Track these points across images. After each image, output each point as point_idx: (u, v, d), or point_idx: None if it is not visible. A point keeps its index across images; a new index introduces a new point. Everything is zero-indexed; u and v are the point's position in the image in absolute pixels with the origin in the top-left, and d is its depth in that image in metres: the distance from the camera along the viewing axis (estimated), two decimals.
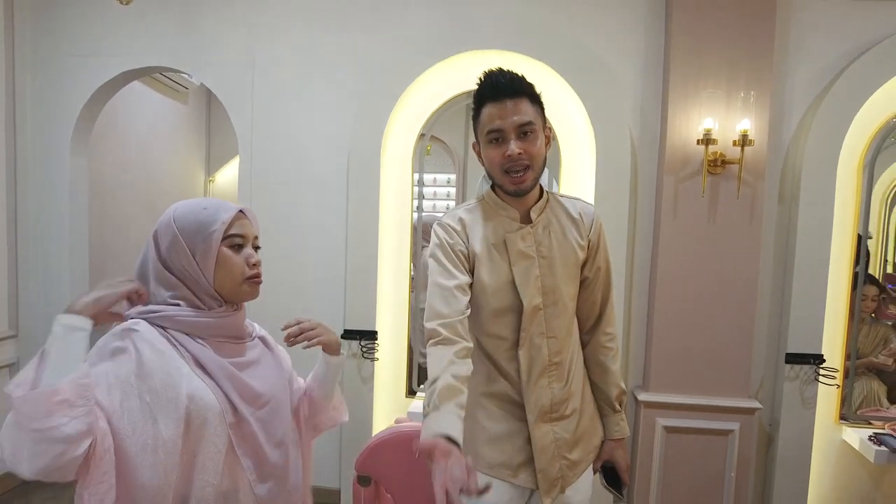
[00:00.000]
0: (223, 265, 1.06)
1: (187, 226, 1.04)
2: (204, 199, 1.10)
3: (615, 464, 1.47)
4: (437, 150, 3.71)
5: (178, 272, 1.05)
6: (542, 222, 1.35)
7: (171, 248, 1.04)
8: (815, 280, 2.50)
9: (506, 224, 1.34)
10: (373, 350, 2.60)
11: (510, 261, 1.32)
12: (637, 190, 2.59)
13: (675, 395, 2.51)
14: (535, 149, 1.27)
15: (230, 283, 1.07)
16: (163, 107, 4.21)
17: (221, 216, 1.06)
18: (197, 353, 1.03)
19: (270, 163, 2.72)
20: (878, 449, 2.36)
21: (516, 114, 1.25)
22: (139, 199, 3.95)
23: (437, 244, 1.35)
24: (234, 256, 1.07)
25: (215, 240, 1.05)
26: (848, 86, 2.43)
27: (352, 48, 2.65)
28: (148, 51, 2.72)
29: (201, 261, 1.04)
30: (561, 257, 1.35)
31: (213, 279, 1.05)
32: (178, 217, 1.05)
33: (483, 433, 1.37)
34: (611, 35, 2.56)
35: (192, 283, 1.05)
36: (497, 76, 1.27)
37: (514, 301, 1.32)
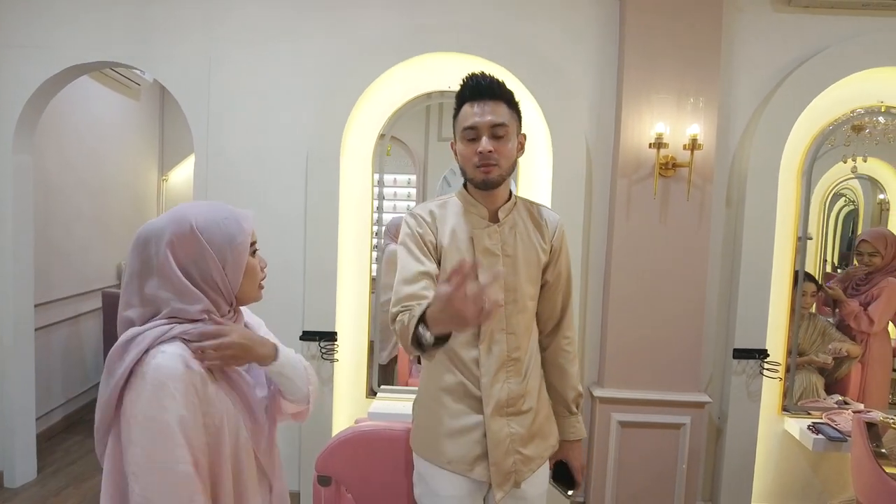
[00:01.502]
0: (248, 273, 1.08)
1: (215, 237, 1.02)
2: (216, 207, 1.06)
3: (569, 463, 1.52)
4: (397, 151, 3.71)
5: (201, 282, 1.02)
6: (508, 222, 1.41)
7: (200, 260, 1.01)
8: (760, 279, 2.63)
9: (474, 221, 1.39)
10: (332, 351, 2.58)
11: (475, 256, 1.36)
12: (592, 192, 2.66)
13: (630, 391, 2.59)
14: (506, 149, 1.33)
15: (251, 289, 1.10)
16: (113, 103, 4.07)
17: (245, 226, 1.06)
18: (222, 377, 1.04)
19: (227, 162, 2.67)
20: (816, 437, 2.50)
21: (492, 114, 1.31)
22: (88, 197, 3.80)
23: (407, 233, 1.40)
24: (254, 263, 1.10)
25: (245, 250, 1.06)
26: (788, 95, 2.56)
27: (310, 47, 2.63)
28: (98, 45, 2.62)
29: (231, 272, 1.04)
30: (524, 258, 1.40)
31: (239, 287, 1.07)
32: (202, 228, 1.01)
33: (441, 428, 1.39)
34: (567, 41, 2.62)
35: (215, 292, 1.04)
36: (479, 78, 1.34)
37: None
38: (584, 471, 1.55)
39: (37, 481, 2.92)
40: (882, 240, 2.82)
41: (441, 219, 1.41)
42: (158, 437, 0.90)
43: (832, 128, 2.66)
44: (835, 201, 3.06)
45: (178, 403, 0.92)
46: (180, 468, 0.91)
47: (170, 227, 1.00)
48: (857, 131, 2.80)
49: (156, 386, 0.92)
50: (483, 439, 1.36)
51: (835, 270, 3.11)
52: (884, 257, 2.79)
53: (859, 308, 2.79)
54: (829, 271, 3.12)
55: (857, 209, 3.07)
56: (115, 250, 4.15)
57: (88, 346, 3.89)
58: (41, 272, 3.30)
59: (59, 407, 3.56)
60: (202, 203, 1.07)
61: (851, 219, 3.09)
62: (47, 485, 2.90)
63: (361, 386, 2.74)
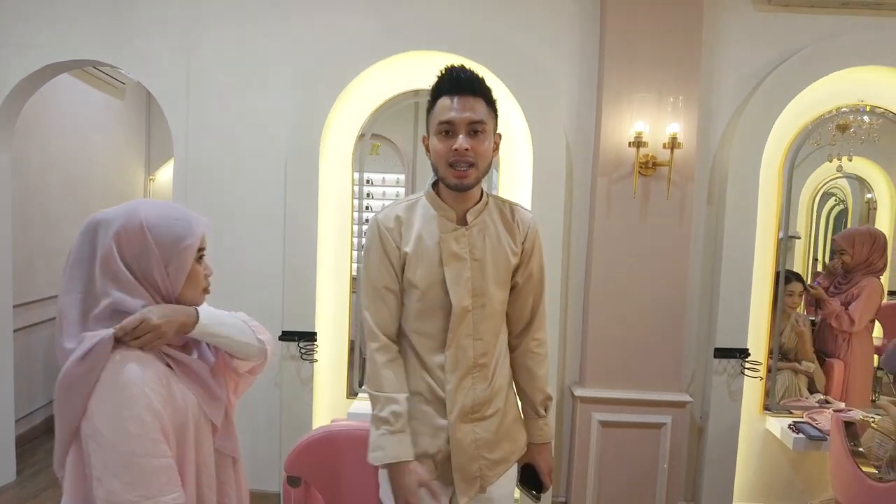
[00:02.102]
0: (191, 278, 1.08)
1: (163, 237, 1.02)
2: (171, 207, 1.07)
3: (537, 467, 1.49)
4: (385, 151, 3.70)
5: (142, 278, 1.02)
6: (477, 225, 1.37)
7: (142, 256, 1.01)
8: (741, 278, 2.62)
9: (442, 224, 1.35)
10: (312, 351, 2.57)
11: (442, 261, 1.33)
12: (572, 190, 2.65)
13: (610, 391, 2.58)
14: (483, 148, 1.29)
15: (192, 294, 1.09)
16: (97, 102, 4.04)
17: (196, 230, 1.06)
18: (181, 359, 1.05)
19: (207, 161, 2.65)
20: (797, 436, 2.49)
21: (470, 110, 1.27)
22: (71, 197, 3.78)
23: (370, 243, 1.38)
24: (198, 269, 1.10)
25: (191, 254, 1.05)
26: (769, 93, 2.56)
27: (290, 45, 2.62)
28: (75, 43, 2.60)
29: (173, 273, 1.04)
30: (493, 261, 1.37)
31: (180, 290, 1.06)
32: (151, 226, 1.01)
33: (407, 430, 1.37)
34: (547, 39, 2.61)
35: (154, 291, 1.04)
36: (458, 72, 1.29)
37: (443, 301, 1.34)
38: (552, 474, 1.51)
39: (16, 483, 2.90)
40: (850, 238, 2.82)
41: (406, 223, 1.36)
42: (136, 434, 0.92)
43: (813, 126, 2.66)
44: (825, 201, 3.05)
45: (149, 400, 0.95)
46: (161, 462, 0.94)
47: (120, 219, 1.00)
48: (842, 130, 2.79)
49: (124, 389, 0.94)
50: (447, 444, 1.34)
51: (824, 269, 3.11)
52: (853, 256, 2.79)
53: (840, 308, 2.79)
54: (820, 270, 3.12)
55: (847, 209, 3.07)
56: None
57: None
58: (23, 272, 3.27)
59: (40, 408, 3.54)
60: (159, 202, 1.07)
61: (842, 218, 3.09)
62: (26, 487, 2.88)
63: (342, 386, 2.73)
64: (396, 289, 1.37)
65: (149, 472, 0.92)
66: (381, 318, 1.37)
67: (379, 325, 1.36)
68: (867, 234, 2.82)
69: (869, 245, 2.79)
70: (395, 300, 1.37)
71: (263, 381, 2.66)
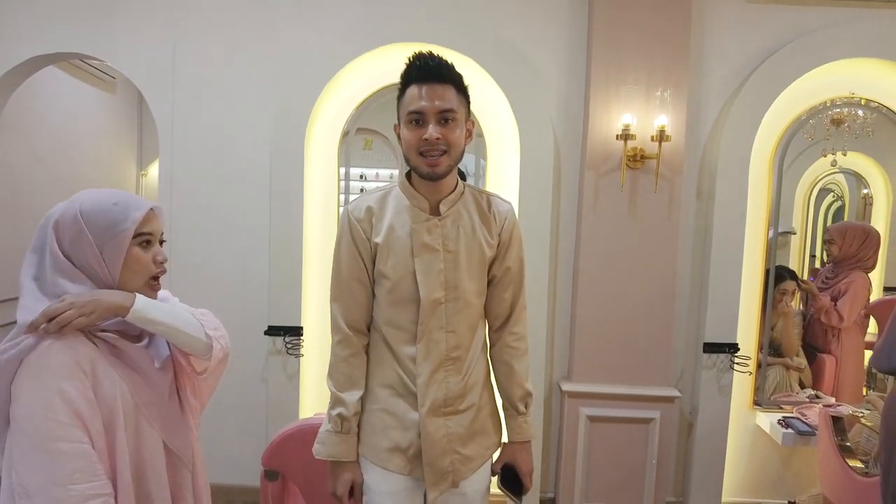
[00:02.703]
0: (131, 264, 1.04)
1: (96, 222, 1.00)
2: (113, 193, 1.05)
3: (516, 467, 1.44)
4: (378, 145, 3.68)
5: (81, 266, 1.01)
6: (451, 216, 1.34)
7: (76, 243, 1.00)
8: (730, 272, 2.60)
9: (414, 214, 1.32)
10: (298, 346, 2.55)
11: (413, 252, 1.31)
12: (560, 184, 2.63)
13: (599, 385, 2.57)
14: (454, 136, 1.26)
15: (134, 281, 1.06)
16: (86, 96, 4.02)
17: (133, 214, 1.02)
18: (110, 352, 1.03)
19: (192, 155, 2.63)
20: (786, 431, 2.48)
21: (440, 99, 1.24)
22: (61, 192, 3.76)
23: (340, 235, 1.36)
24: (143, 255, 1.05)
25: (125, 238, 1.02)
26: (758, 85, 2.53)
27: (274, 39, 2.59)
28: (61, 35, 2.58)
29: (109, 259, 1.01)
30: (467, 253, 1.34)
31: (119, 277, 1.03)
32: (84, 211, 1.00)
33: (378, 423, 1.36)
34: (535, 32, 2.59)
35: (94, 278, 1.02)
36: (426, 59, 1.26)
37: (414, 293, 1.31)
38: (531, 475, 1.46)
39: None
40: (842, 230, 2.81)
41: (378, 214, 1.34)
42: (43, 416, 0.90)
43: (803, 119, 2.64)
44: (823, 197, 3.03)
45: (60, 383, 0.92)
46: (71, 447, 0.91)
47: (61, 209, 1.01)
48: (836, 125, 2.77)
49: (40, 372, 0.92)
50: (418, 438, 1.32)
51: (823, 265, 3.08)
52: (840, 248, 2.78)
53: (830, 303, 2.77)
54: (817, 266, 3.09)
55: (845, 204, 3.05)
56: None
57: None
58: (9, 268, 3.26)
59: None
60: (104, 190, 1.06)
61: (841, 214, 3.06)
62: None
63: None
64: (366, 281, 1.35)
65: (56, 456, 0.90)
66: (347, 311, 1.36)
67: (345, 317, 1.35)
68: (860, 230, 2.80)
69: (860, 240, 2.77)
70: (364, 292, 1.36)
71: (249, 376, 2.65)
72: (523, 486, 1.45)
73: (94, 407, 0.95)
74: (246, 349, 2.59)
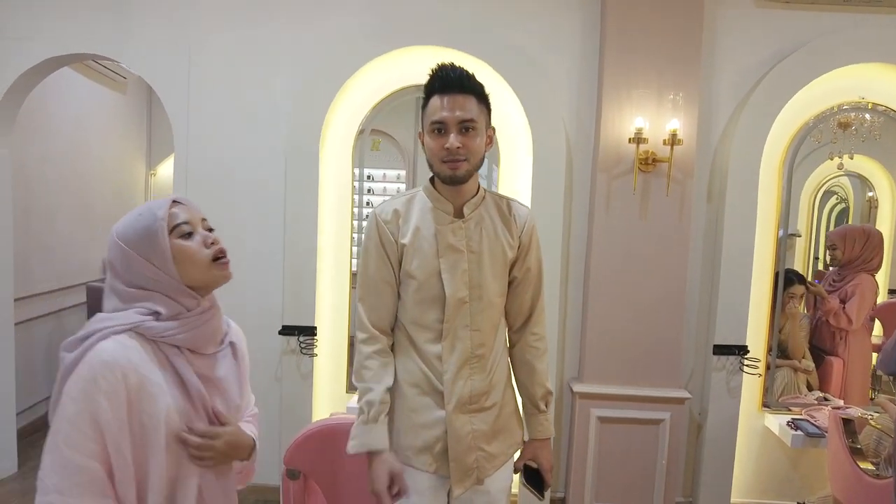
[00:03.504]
0: (181, 257, 1.03)
1: (132, 237, 1.02)
2: (137, 208, 1.07)
3: (538, 464, 1.49)
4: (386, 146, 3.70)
5: (146, 285, 1.02)
6: (474, 218, 1.39)
7: (129, 266, 1.01)
8: (740, 275, 2.62)
9: (439, 217, 1.37)
10: (312, 346, 2.57)
11: (439, 252, 1.35)
12: (572, 186, 2.65)
13: (609, 386, 2.59)
14: (475, 145, 1.31)
15: (196, 271, 1.05)
16: (98, 97, 4.04)
17: (158, 213, 1.03)
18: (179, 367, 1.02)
19: (207, 155, 2.65)
20: (795, 433, 2.50)
21: (460, 109, 1.29)
22: (71, 191, 3.78)
23: (368, 236, 1.40)
24: (189, 245, 1.04)
25: (163, 238, 1.02)
26: (769, 90, 2.55)
27: (290, 41, 2.61)
28: (77, 37, 2.60)
29: (160, 264, 1.01)
30: (490, 254, 1.38)
31: (180, 275, 1.03)
32: (120, 234, 1.02)
33: (404, 422, 1.39)
34: (548, 36, 2.61)
35: (164, 289, 1.02)
36: (448, 70, 1.31)
37: (440, 292, 1.36)
38: (552, 471, 1.52)
39: (17, 475, 2.91)
40: (841, 235, 2.83)
41: (405, 216, 1.39)
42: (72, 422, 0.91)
43: (813, 123, 2.66)
44: (827, 199, 3.05)
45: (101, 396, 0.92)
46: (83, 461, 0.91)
47: (108, 247, 1.04)
48: (843, 128, 2.79)
49: (87, 374, 0.93)
50: (445, 435, 1.35)
51: (826, 268, 3.11)
52: (843, 251, 2.80)
53: (839, 306, 2.79)
54: (821, 269, 3.12)
55: (849, 207, 3.07)
56: (99, 245, 4.13)
57: None
58: (23, 266, 3.28)
59: (42, 401, 3.55)
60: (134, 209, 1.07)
61: (844, 217, 3.08)
62: (28, 478, 2.89)
63: (341, 381, 2.74)
64: (393, 281, 1.39)
65: (68, 462, 0.90)
66: (374, 311, 1.40)
67: (371, 317, 1.39)
68: (860, 232, 2.82)
69: (861, 243, 2.79)
70: (391, 293, 1.40)
71: (263, 376, 2.67)
72: (545, 482, 1.50)
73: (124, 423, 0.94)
74: (260, 349, 2.60)
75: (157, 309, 1.01)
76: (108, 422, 0.92)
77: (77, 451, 0.91)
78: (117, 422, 0.93)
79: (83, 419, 0.91)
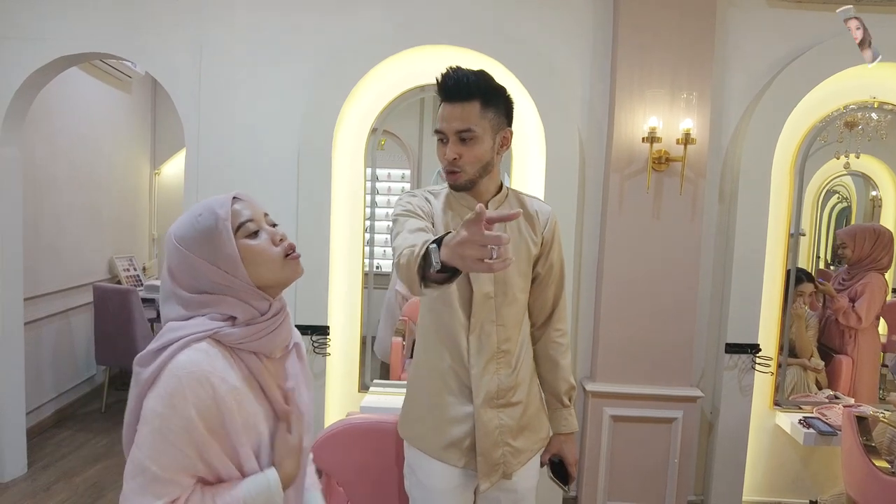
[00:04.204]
0: (250, 258, 0.96)
1: (194, 241, 0.94)
2: (194, 207, 0.99)
3: (563, 457, 1.52)
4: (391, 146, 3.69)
5: (214, 290, 0.95)
6: None
7: (194, 272, 0.95)
8: (752, 274, 2.63)
9: (464, 213, 1.37)
10: (325, 345, 2.57)
11: None
12: (585, 185, 2.65)
13: (622, 385, 2.59)
14: (472, 154, 1.30)
15: (268, 270, 0.98)
16: (104, 96, 4.03)
17: (219, 213, 0.95)
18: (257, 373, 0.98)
19: (218, 155, 2.65)
20: (807, 431, 2.51)
21: (457, 120, 1.28)
22: (79, 191, 3.77)
23: (403, 207, 1.36)
24: (256, 245, 0.97)
25: (228, 238, 0.94)
26: (781, 90, 2.56)
27: (302, 39, 2.61)
28: (87, 35, 2.59)
29: (229, 267, 0.94)
30: (514, 250, 1.39)
31: (250, 277, 0.96)
32: (179, 238, 0.95)
33: (431, 418, 1.39)
34: (561, 35, 2.61)
35: (234, 293, 0.95)
36: (447, 78, 1.28)
37: (465, 287, 1.36)
38: (576, 465, 1.54)
39: (27, 476, 2.90)
40: (851, 233, 2.85)
41: (434, 205, 1.41)
42: (164, 438, 0.86)
43: (823, 123, 2.67)
44: (828, 198, 3.07)
45: (191, 409, 0.87)
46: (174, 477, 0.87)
47: (166, 251, 0.97)
48: (849, 128, 2.80)
49: (173, 388, 0.87)
50: (473, 430, 1.36)
51: (827, 267, 3.12)
52: (853, 250, 2.81)
53: (848, 304, 2.80)
54: (822, 268, 3.13)
55: (851, 206, 3.08)
56: (106, 244, 4.12)
57: (79, 341, 3.86)
58: (30, 266, 3.27)
59: (50, 401, 3.54)
60: (191, 209, 1.00)
61: (845, 216, 3.10)
62: (38, 479, 2.88)
63: (354, 380, 2.73)
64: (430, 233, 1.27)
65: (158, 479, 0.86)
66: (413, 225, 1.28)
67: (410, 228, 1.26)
68: (870, 231, 2.83)
69: (872, 241, 2.81)
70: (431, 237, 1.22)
71: None
72: (570, 476, 1.53)
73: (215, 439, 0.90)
74: None
75: (232, 314, 0.95)
76: (200, 434, 0.88)
77: (168, 470, 0.86)
78: (210, 434, 0.89)
79: (174, 435, 0.86)
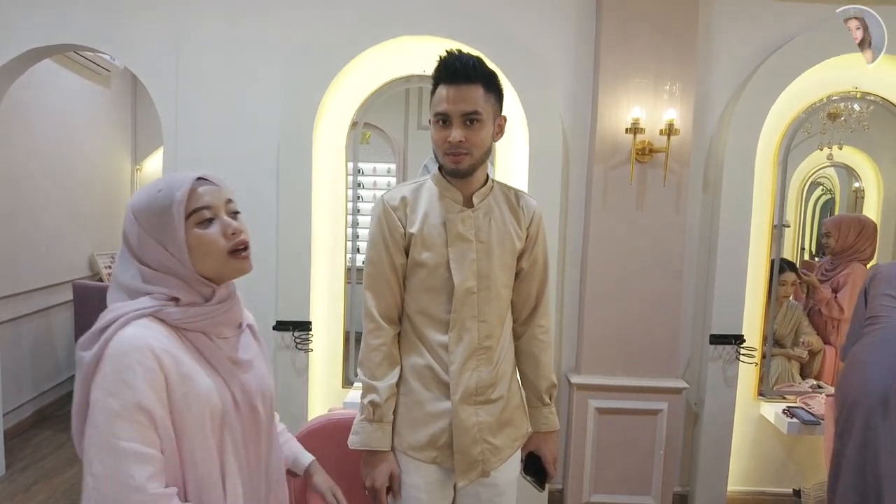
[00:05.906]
0: (197, 247, 0.92)
1: (148, 217, 0.91)
2: (160, 180, 0.95)
3: (541, 456, 1.48)
4: (376, 139, 3.65)
5: (159, 268, 0.92)
6: (483, 208, 1.37)
7: (142, 245, 0.92)
8: (736, 265, 2.63)
9: (448, 206, 1.35)
10: (307, 341, 2.54)
11: (448, 242, 1.33)
12: (569, 177, 2.64)
13: (607, 378, 2.58)
14: (478, 138, 1.28)
15: (211, 263, 0.95)
16: (81, 90, 3.95)
17: (175, 194, 0.90)
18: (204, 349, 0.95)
19: (197, 149, 2.59)
20: (791, 421, 2.52)
21: (464, 101, 1.26)
22: (57, 186, 3.70)
23: (375, 223, 1.37)
24: (205, 234, 0.93)
25: (179, 224, 0.90)
26: (764, 80, 2.55)
27: (281, 31, 2.56)
28: (60, 27, 2.52)
29: (174, 250, 0.91)
30: (498, 244, 1.37)
31: (193, 264, 0.93)
32: (136, 209, 0.92)
33: (409, 415, 1.36)
34: (544, 25, 2.59)
35: (176, 274, 0.93)
36: (453, 60, 1.27)
37: (447, 281, 1.34)
38: (556, 463, 1.51)
39: (5, 477, 2.85)
40: (837, 223, 2.86)
41: (412, 204, 1.37)
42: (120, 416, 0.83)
43: (806, 114, 2.67)
44: (812, 190, 3.08)
45: (141, 381, 0.84)
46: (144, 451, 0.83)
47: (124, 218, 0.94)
48: (832, 119, 2.81)
49: (119, 364, 0.84)
50: (450, 427, 1.33)
51: (812, 258, 3.14)
52: (837, 240, 2.83)
53: (831, 295, 2.81)
54: (807, 259, 3.14)
55: (834, 198, 3.10)
56: (86, 241, 4.05)
57: (60, 340, 3.80)
58: (7, 263, 3.20)
59: (29, 402, 3.48)
60: (157, 179, 0.97)
61: (829, 207, 3.11)
62: (16, 480, 2.83)
63: (337, 376, 2.71)
64: (399, 270, 1.36)
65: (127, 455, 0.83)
66: (382, 300, 1.36)
67: (377, 306, 1.36)
68: (855, 221, 2.84)
69: (856, 232, 2.82)
70: (397, 281, 1.37)
71: None
72: (547, 475, 1.49)
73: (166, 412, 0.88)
74: None
75: (175, 294, 0.93)
76: (153, 407, 0.85)
77: (136, 443, 0.83)
78: (161, 407, 0.86)
79: (130, 410, 0.83)
